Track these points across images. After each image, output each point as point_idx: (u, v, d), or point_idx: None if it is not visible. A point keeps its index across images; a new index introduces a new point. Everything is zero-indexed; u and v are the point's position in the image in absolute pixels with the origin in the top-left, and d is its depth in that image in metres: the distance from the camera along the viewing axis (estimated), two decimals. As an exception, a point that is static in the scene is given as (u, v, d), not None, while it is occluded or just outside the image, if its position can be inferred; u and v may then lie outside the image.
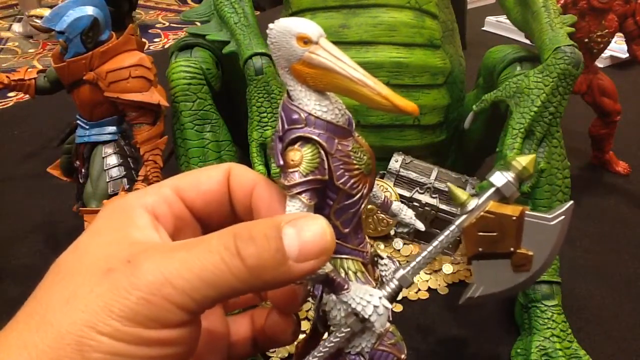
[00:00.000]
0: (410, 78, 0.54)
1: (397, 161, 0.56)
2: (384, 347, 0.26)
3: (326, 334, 0.29)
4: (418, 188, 0.56)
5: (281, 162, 0.24)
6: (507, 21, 0.58)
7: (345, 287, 0.24)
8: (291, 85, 0.25)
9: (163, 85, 0.51)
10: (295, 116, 0.24)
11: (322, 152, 0.24)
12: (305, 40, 0.23)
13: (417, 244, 0.57)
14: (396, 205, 0.33)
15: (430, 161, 0.58)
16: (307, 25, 0.24)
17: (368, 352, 0.27)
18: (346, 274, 0.27)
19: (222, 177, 0.26)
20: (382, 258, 0.29)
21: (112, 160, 0.50)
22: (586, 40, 0.64)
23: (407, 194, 0.56)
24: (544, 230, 0.27)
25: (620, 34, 0.67)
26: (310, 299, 0.29)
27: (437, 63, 0.55)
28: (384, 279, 0.29)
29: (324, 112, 0.25)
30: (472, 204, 0.27)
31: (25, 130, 0.85)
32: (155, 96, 0.48)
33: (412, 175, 0.56)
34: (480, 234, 0.27)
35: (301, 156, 0.24)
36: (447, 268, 0.56)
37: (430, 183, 0.56)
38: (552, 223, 0.27)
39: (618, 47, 1.01)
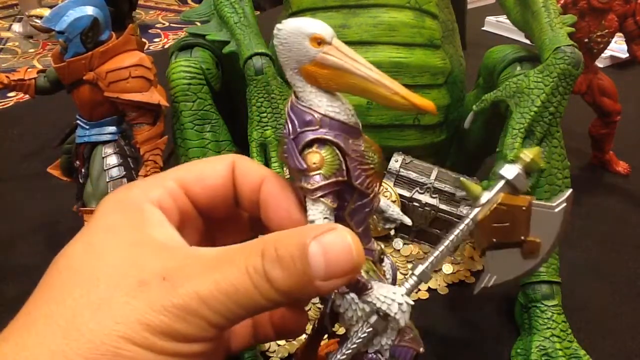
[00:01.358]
0: (410, 78, 0.54)
1: (397, 161, 0.56)
2: (405, 342, 0.27)
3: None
4: (418, 188, 0.56)
5: (303, 166, 0.24)
6: (507, 21, 0.58)
7: (369, 287, 0.25)
8: (300, 87, 0.24)
9: (163, 85, 0.51)
10: (309, 118, 0.24)
11: (339, 153, 0.24)
12: (319, 41, 0.23)
13: (417, 244, 0.57)
14: (383, 202, 0.33)
15: (430, 161, 0.58)
16: (320, 26, 0.24)
17: (387, 349, 0.27)
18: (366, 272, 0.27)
19: (227, 171, 0.26)
20: (386, 256, 0.29)
21: (112, 160, 0.50)
22: (586, 40, 0.64)
23: (407, 194, 0.56)
24: (549, 217, 0.29)
25: (620, 34, 0.67)
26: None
27: (437, 63, 0.55)
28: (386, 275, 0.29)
29: (337, 112, 0.24)
30: (485, 197, 0.28)
31: (25, 130, 0.85)
32: (155, 96, 0.48)
33: (412, 175, 0.56)
34: (494, 225, 0.28)
35: (321, 158, 0.24)
36: (447, 268, 0.56)
37: (430, 183, 0.56)
38: (556, 210, 0.29)
39: (618, 47, 1.01)
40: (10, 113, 0.94)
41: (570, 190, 0.29)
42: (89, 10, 0.46)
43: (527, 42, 0.57)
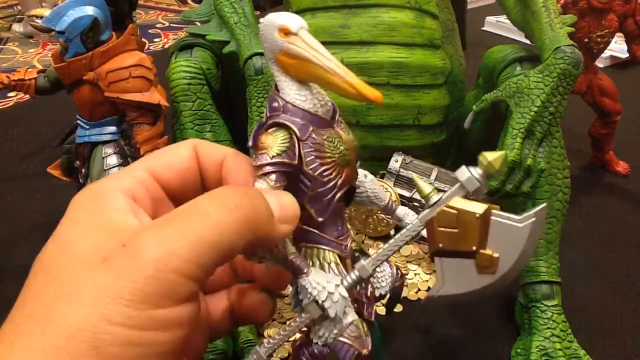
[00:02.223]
0: (410, 78, 0.54)
1: (397, 161, 0.56)
2: (345, 339, 0.26)
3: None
4: (418, 188, 0.56)
5: (251, 144, 0.26)
6: (507, 21, 0.58)
7: (305, 270, 0.25)
8: (277, 76, 0.26)
9: (163, 85, 0.51)
10: (275, 104, 0.26)
11: (294, 138, 0.25)
12: (286, 32, 0.25)
13: (417, 244, 0.57)
14: (401, 210, 0.32)
15: (430, 161, 0.58)
16: (288, 18, 0.25)
17: (330, 342, 0.27)
18: (320, 264, 0.27)
19: (191, 154, 0.26)
20: (390, 265, 0.28)
21: (112, 160, 0.50)
22: (586, 40, 0.64)
23: (407, 194, 0.56)
24: (512, 232, 0.26)
25: (620, 34, 0.67)
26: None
27: (437, 63, 0.55)
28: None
29: (302, 101, 0.26)
30: (435, 197, 0.27)
31: (25, 130, 0.85)
32: (155, 96, 0.48)
33: (412, 175, 0.56)
34: (441, 229, 0.26)
35: (272, 140, 0.25)
36: (447, 268, 0.56)
37: (430, 183, 0.56)
38: (520, 225, 0.26)
39: (618, 47, 1.01)
40: (10, 113, 0.94)
41: (543, 205, 0.26)
42: (89, 10, 0.46)
43: (527, 42, 0.57)
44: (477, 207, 0.25)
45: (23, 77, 0.51)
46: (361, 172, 0.31)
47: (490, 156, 0.26)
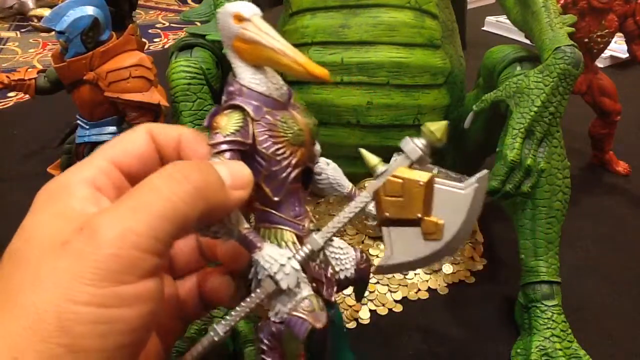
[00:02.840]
0: (410, 78, 0.54)
1: (396, 161, 0.56)
2: (299, 313, 0.27)
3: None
4: (418, 188, 0.56)
5: (206, 124, 0.27)
6: (507, 21, 0.58)
7: (258, 245, 0.26)
8: (233, 62, 0.28)
9: (163, 85, 0.52)
10: (232, 88, 0.28)
11: (247, 118, 0.26)
12: (240, 18, 0.26)
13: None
14: (364, 194, 0.33)
15: (430, 161, 0.58)
16: (241, 5, 0.26)
17: (286, 318, 0.27)
18: (278, 243, 0.28)
19: (147, 139, 0.26)
20: (330, 240, 0.29)
21: (112, 160, 0.50)
22: (586, 40, 0.64)
23: (407, 194, 0.56)
24: (456, 198, 0.27)
25: (620, 34, 0.67)
26: None
27: (437, 63, 0.55)
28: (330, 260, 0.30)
29: (257, 84, 0.27)
30: (382, 168, 0.28)
31: (25, 130, 0.85)
32: (155, 96, 0.48)
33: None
34: (387, 198, 0.27)
35: (227, 120, 0.26)
36: (447, 268, 0.56)
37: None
38: (463, 191, 0.27)
39: (618, 47, 1.02)
40: (10, 113, 0.94)
41: (485, 172, 0.27)
42: (90, 10, 0.46)
43: (527, 42, 0.57)
44: (421, 176, 0.26)
45: (23, 77, 0.51)
46: (323, 160, 0.32)
47: (432, 126, 0.27)
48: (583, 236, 0.62)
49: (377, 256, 0.56)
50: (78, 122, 0.51)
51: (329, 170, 0.32)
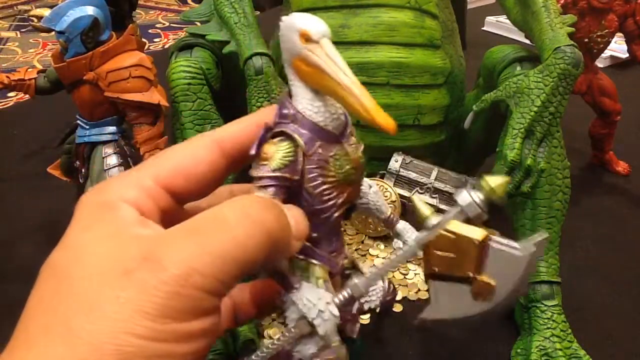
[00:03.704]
0: (410, 78, 0.54)
1: (397, 161, 0.56)
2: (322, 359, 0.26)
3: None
4: (418, 188, 0.56)
5: (253, 152, 0.24)
6: (507, 21, 0.58)
7: (295, 285, 0.25)
8: (291, 80, 0.25)
9: (163, 85, 0.51)
10: (285, 111, 0.25)
11: (299, 151, 0.24)
12: (307, 38, 0.23)
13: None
14: (401, 225, 0.32)
15: (430, 161, 0.58)
16: (311, 23, 0.24)
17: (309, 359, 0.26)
18: (308, 277, 0.26)
19: (211, 155, 0.24)
20: (361, 273, 0.28)
21: (112, 160, 0.50)
22: (586, 40, 0.64)
23: (407, 194, 0.56)
24: (511, 260, 0.25)
25: (620, 34, 0.67)
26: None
27: (437, 63, 0.55)
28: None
29: (314, 112, 0.24)
30: (435, 220, 0.25)
31: (25, 130, 0.85)
32: (155, 96, 0.48)
33: (412, 175, 0.56)
34: (437, 253, 0.25)
35: (275, 151, 0.24)
36: (447, 268, 0.56)
37: (430, 183, 0.56)
38: (520, 254, 0.25)
39: (618, 47, 1.01)
40: (10, 113, 0.94)
41: (545, 236, 0.25)
42: (90, 10, 0.46)
43: (527, 42, 0.57)
44: (476, 233, 0.24)
45: (23, 77, 0.51)
46: (366, 183, 0.30)
47: (494, 182, 0.25)
48: (583, 236, 0.62)
49: (377, 256, 0.56)
50: (78, 122, 0.51)
51: (370, 195, 0.30)
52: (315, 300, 0.25)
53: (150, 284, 0.19)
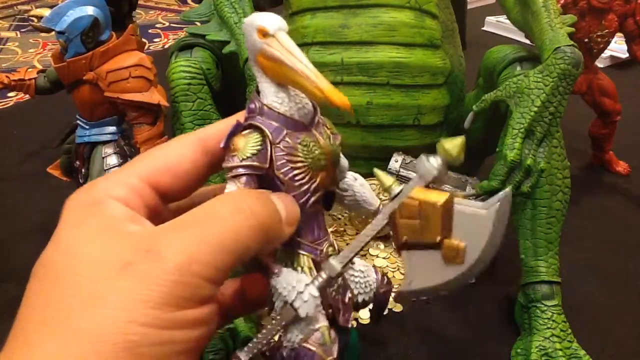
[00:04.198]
0: (410, 78, 0.54)
1: (397, 161, 0.56)
2: (310, 345, 0.26)
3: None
4: (418, 188, 0.56)
5: (223, 145, 0.25)
6: (507, 21, 0.58)
7: (275, 271, 0.25)
8: (257, 77, 0.26)
9: (163, 85, 0.52)
10: (252, 106, 0.26)
11: (266, 141, 0.25)
12: (264, 33, 0.24)
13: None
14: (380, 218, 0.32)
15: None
16: (266, 19, 0.25)
17: (297, 347, 0.26)
18: (294, 268, 0.27)
19: (194, 153, 0.25)
20: (351, 263, 0.28)
21: (112, 160, 0.50)
22: (586, 40, 0.64)
23: (407, 194, 0.56)
24: (477, 220, 0.25)
25: (620, 34, 0.67)
26: None
27: (437, 63, 0.55)
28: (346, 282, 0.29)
29: (279, 104, 0.25)
30: (397, 189, 0.26)
31: (25, 130, 0.85)
32: (155, 96, 0.48)
33: (412, 175, 0.56)
34: (403, 221, 0.25)
35: (245, 142, 0.25)
36: (447, 268, 0.56)
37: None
38: (484, 212, 0.25)
39: (618, 47, 1.01)
40: (10, 113, 0.94)
41: (506, 190, 0.25)
42: (90, 10, 0.46)
43: (527, 42, 0.57)
44: (438, 197, 0.25)
45: (23, 77, 0.51)
46: (351, 175, 0.30)
47: (448, 143, 0.25)
48: (583, 236, 0.62)
49: (377, 256, 0.56)
50: (78, 122, 0.51)
51: (355, 186, 0.30)
52: (294, 282, 0.25)
53: (153, 275, 0.19)
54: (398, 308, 0.52)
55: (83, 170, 0.52)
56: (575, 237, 0.61)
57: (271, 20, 0.25)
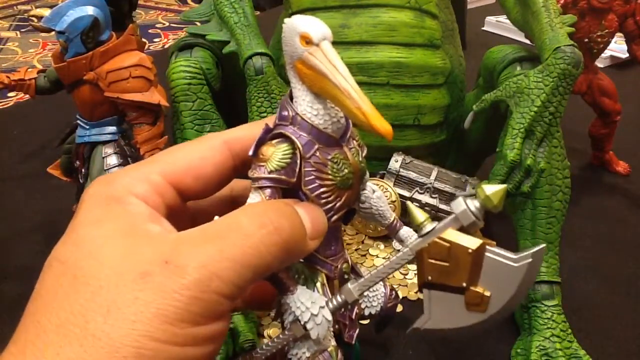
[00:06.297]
0: (410, 78, 0.54)
1: (397, 161, 0.56)
2: None
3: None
4: (418, 188, 0.56)
5: (251, 153, 0.24)
6: (507, 21, 0.58)
7: (291, 289, 0.25)
8: (293, 83, 0.25)
9: (163, 85, 0.51)
10: (285, 113, 0.25)
11: (297, 154, 0.24)
12: (307, 40, 0.23)
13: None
14: (405, 232, 0.31)
15: (430, 161, 0.58)
16: (312, 26, 0.23)
17: None
18: (306, 282, 0.26)
19: (220, 156, 0.24)
20: (361, 277, 0.27)
21: (112, 160, 0.50)
22: (586, 40, 0.64)
23: (407, 194, 0.56)
24: (507, 271, 0.24)
25: (620, 34, 0.67)
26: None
27: (437, 63, 0.55)
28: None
29: (314, 115, 0.24)
30: (429, 227, 0.25)
31: (25, 130, 0.85)
32: (155, 96, 0.48)
33: (412, 175, 0.56)
34: (431, 261, 0.25)
35: (273, 152, 0.24)
36: (447, 268, 0.56)
37: (430, 183, 0.56)
38: (516, 265, 0.24)
39: (618, 47, 1.01)
40: (10, 113, 0.94)
41: (542, 246, 0.25)
42: (90, 10, 0.46)
43: (527, 42, 0.57)
44: (471, 242, 0.24)
45: (23, 77, 0.51)
46: (369, 187, 0.30)
47: (489, 189, 0.24)
48: (583, 236, 0.62)
49: (377, 256, 0.56)
50: (78, 122, 0.51)
51: (373, 199, 0.30)
52: (309, 304, 0.25)
53: (171, 288, 0.19)
54: (398, 308, 0.52)
55: (83, 170, 0.52)
56: (575, 237, 0.61)
57: (316, 28, 0.23)
